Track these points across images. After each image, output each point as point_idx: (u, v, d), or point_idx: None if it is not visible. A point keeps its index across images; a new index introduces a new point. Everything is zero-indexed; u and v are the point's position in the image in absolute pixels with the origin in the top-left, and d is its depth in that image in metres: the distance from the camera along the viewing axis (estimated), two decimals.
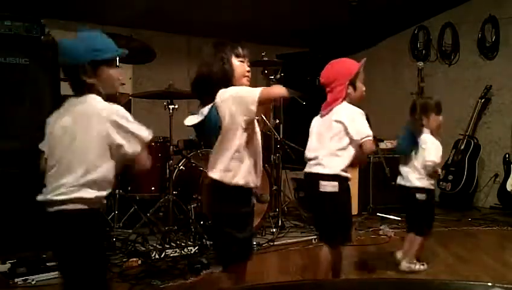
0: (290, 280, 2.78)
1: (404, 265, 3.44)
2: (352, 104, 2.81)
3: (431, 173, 3.35)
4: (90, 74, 1.97)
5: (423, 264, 3.46)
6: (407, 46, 6.31)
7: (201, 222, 3.81)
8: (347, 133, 2.71)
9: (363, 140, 2.69)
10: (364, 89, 2.83)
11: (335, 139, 2.75)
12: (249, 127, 2.25)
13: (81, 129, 1.93)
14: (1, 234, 3.54)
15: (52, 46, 4.00)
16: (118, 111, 1.96)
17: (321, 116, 2.83)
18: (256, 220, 3.92)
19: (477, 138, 5.60)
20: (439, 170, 3.52)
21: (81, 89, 1.99)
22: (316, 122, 2.87)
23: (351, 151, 2.73)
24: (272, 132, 4.54)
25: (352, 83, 2.79)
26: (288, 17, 5.43)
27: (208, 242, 3.62)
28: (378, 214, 5.06)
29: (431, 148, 3.34)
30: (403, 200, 3.54)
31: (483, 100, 5.55)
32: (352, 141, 2.71)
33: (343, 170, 2.72)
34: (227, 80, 2.30)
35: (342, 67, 2.82)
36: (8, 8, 3.99)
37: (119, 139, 1.94)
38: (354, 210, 4.94)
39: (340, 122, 2.73)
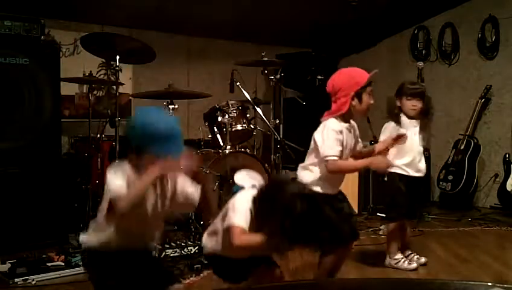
0: (290, 280, 2.78)
1: (386, 261, 3.47)
2: (356, 117, 2.78)
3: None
4: (134, 156, 2.01)
5: (411, 262, 3.44)
6: (407, 46, 6.29)
7: (201, 222, 3.81)
8: (318, 152, 2.72)
9: (325, 160, 2.67)
10: (371, 102, 2.75)
11: (310, 154, 2.79)
12: None
13: None
14: (1, 234, 3.55)
15: (52, 46, 4.02)
16: None
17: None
18: None
19: (477, 138, 5.59)
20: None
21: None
22: None
23: (322, 168, 2.72)
24: (271, 132, 4.54)
25: (358, 95, 2.71)
26: (288, 17, 5.43)
27: None
28: (378, 214, 5.05)
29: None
30: None
31: (483, 100, 5.54)
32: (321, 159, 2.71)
33: (314, 183, 2.69)
34: None
35: (349, 77, 2.74)
36: (8, 8, 3.98)
37: None
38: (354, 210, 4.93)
39: (315, 140, 2.74)
